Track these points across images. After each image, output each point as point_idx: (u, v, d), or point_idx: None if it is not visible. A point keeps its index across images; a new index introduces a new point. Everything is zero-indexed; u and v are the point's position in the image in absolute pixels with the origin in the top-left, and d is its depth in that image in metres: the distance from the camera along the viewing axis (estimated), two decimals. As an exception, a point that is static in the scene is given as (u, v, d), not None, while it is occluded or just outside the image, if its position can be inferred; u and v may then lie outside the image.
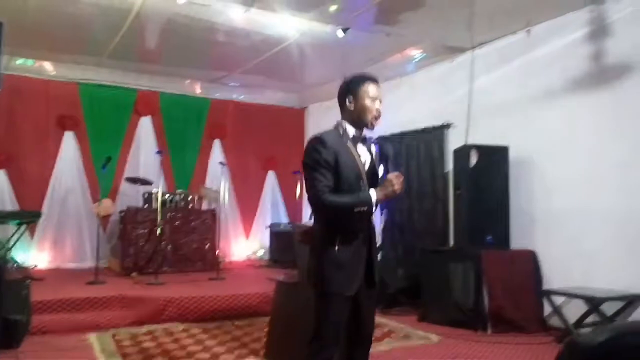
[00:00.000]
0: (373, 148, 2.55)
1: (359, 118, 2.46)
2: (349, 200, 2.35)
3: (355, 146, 2.45)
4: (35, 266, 7.02)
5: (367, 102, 2.45)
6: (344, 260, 2.37)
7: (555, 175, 5.03)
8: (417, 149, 6.66)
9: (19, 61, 7.07)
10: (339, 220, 2.39)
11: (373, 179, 2.48)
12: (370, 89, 2.46)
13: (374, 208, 2.37)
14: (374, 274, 2.47)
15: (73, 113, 7.59)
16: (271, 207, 9.07)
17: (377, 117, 2.47)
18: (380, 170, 2.53)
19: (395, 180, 2.36)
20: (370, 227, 2.50)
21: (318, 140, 2.39)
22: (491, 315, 4.79)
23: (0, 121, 7.08)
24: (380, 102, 2.49)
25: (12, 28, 4.06)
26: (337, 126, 2.50)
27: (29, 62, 7.23)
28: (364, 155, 2.48)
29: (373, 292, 2.51)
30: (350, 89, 2.49)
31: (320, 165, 2.35)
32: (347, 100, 2.48)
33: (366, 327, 2.53)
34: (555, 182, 5.02)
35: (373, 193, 2.36)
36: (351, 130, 2.47)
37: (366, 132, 2.53)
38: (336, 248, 2.36)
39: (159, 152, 6.83)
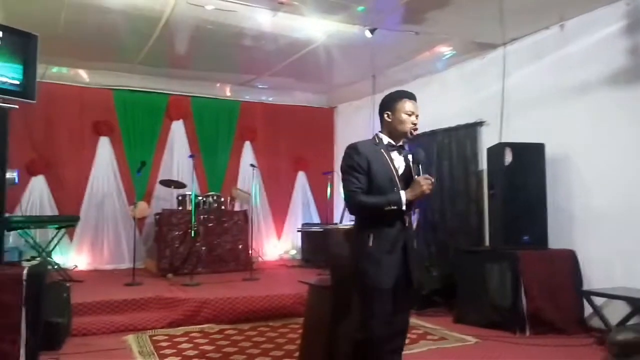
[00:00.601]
0: (409, 156, 2.76)
1: (396, 130, 2.74)
2: (379, 200, 2.61)
3: (389, 153, 2.72)
4: (76, 267, 7.23)
5: (404, 116, 2.71)
6: (378, 255, 2.61)
7: (593, 172, 4.90)
8: (449, 147, 6.56)
9: (54, 69, 7.25)
10: (372, 219, 2.64)
11: (408, 184, 2.67)
12: (407, 105, 2.73)
13: (404, 207, 2.60)
14: (411, 273, 2.68)
15: (108, 119, 7.76)
16: (302, 208, 9.11)
17: (414, 130, 2.73)
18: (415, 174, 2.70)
19: (424, 181, 2.59)
20: (406, 230, 2.69)
21: (352, 148, 2.70)
22: (529, 317, 4.69)
23: (38, 128, 7.28)
24: (417, 116, 2.74)
25: (46, 39, 4.17)
26: (374, 137, 2.80)
27: (64, 70, 7.42)
28: (398, 162, 2.73)
29: (410, 292, 2.70)
30: (388, 105, 2.78)
31: (354, 169, 2.65)
32: (385, 114, 2.78)
33: (397, 324, 2.69)
34: (594, 179, 4.89)
35: (403, 194, 2.60)
36: (386, 140, 2.76)
37: (403, 142, 2.80)
38: (370, 244, 2.62)
39: (191, 156, 6.93)
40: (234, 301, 5.24)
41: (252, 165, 7.66)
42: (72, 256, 7.39)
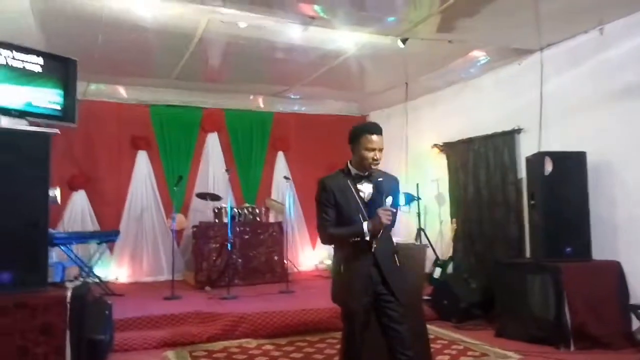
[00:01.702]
0: (376, 185, 2.94)
1: (358, 163, 2.94)
2: (344, 231, 2.90)
3: (355, 184, 2.94)
4: (117, 279, 7.40)
5: (364, 152, 2.88)
6: (347, 280, 2.89)
7: (636, 180, 4.72)
8: (486, 155, 6.42)
9: (93, 86, 7.45)
10: (341, 248, 2.96)
11: (372, 210, 2.87)
12: (369, 140, 2.87)
13: (366, 237, 2.82)
14: (390, 288, 2.88)
15: (145, 133, 7.94)
16: (337, 217, 9.06)
17: (374, 164, 2.90)
18: (389, 201, 2.86)
19: (382, 213, 2.79)
20: (376, 253, 2.88)
21: (321, 183, 2.96)
22: (574, 331, 4.54)
23: (78, 144, 7.49)
24: (380, 150, 2.89)
25: (85, 58, 4.31)
26: (346, 166, 3.01)
27: (102, 86, 7.61)
28: (367, 190, 2.94)
29: (396, 305, 2.88)
30: (353, 139, 2.96)
31: (323, 204, 2.93)
32: (350, 147, 2.98)
33: (398, 334, 2.87)
34: (638, 188, 4.71)
35: (365, 225, 2.82)
36: (354, 171, 2.96)
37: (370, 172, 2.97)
38: (341, 271, 2.92)
39: (227, 170, 6.99)
40: (270, 315, 5.25)
41: (285, 177, 7.69)
42: (113, 269, 7.56)
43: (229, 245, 6.75)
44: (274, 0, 4.51)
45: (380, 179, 2.95)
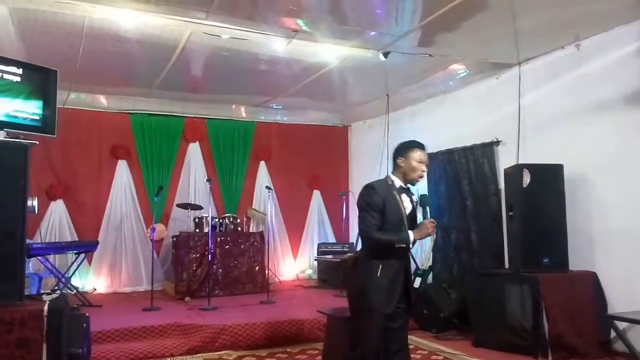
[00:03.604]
0: (414, 199, 3.20)
1: (407, 175, 3.15)
2: (391, 237, 3.02)
3: (400, 195, 3.11)
4: (94, 289, 7.30)
5: (415, 164, 3.11)
6: (384, 284, 3.01)
7: (612, 192, 4.83)
8: (467, 166, 6.50)
9: (73, 95, 7.35)
10: (381, 252, 3.04)
11: (413, 223, 3.15)
12: (418, 154, 3.13)
13: (411, 245, 3.05)
14: (410, 297, 3.16)
15: (125, 142, 7.87)
16: (318, 227, 9.10)
17: (421, 177, 3.14)
18: (420, 215, 3.17)
19: (429, 224, 3.04)
20: (407, 259, 3.17)
21: (371, 188, 3.09)
22: (552, 341, 4.60)
23: (57, 153, 7.40)
24: (427, 165, 3.16)
25: (65, 67, 4.27)
26: (387, 178, 3.18)
27: (83, 95, 7.53)
28: (407, 203, 3.13)
29: (405, 313, 3.15)
30: (402, 152, 3.17)
31: (372, 207, 3.04)
32: (398, 160, 3.17)
33: (401, 341, 3.16)
34: (614, 200, 4.81)
35: (411, 234, 3.02)
36: (398, 182, 3.15)
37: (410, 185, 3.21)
38: (378, 274, 3.01)
39: (208, 180, 6.96)
40: (251, 327, 5.22)
41: (267, 187, 7.69)
42: (91, 279, 7.47)
43: (209, 255, 6.71)
44: (257, 14, 4.53)
45: (420, 193, 3.26)
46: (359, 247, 3.44)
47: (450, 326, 5.62)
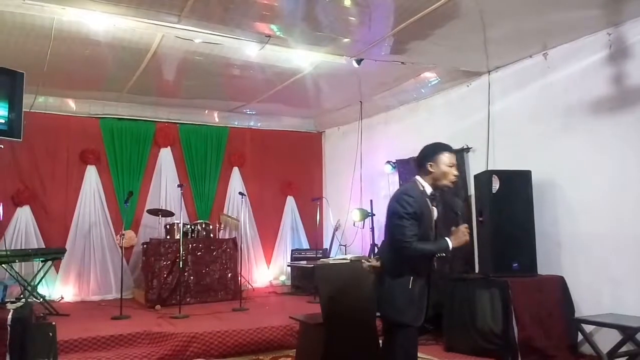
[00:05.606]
0: (438, 206, 3.04)
1: (439, 180, 2.94)
2: (433, 247, 2.92)
3: (430, 202, 2.94)
4: (62, 298, 7.12)
5: (446, 168, 2.92)
6: (416, 296, 2.89)
7: (579, 198, 4.95)
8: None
9: (41, 99, 7.20)
10: (414, 262, 2.89)
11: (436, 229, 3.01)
12: (448, 157, 2.95)
13: (449, 254, 2.92)
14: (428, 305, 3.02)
15: (95, 147, 7.72)
16: (291, 233, 9.07)
17: (454, 183, 2.98)
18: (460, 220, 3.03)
19: (466, 231, 2.89)
20: (432, 268, 3.06)
21: (410, 195, 2.89)
22: (521, 344, 4.67)
23: (24, 158, 7.23)
24: (458, 170, 3.00)
25: (33, 70, 4.16)
26: (416, 183, 2.98)
27: (51, 99, 7.38)
28: (435, 208, 2.99)
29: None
30: (431, 156, 2.96)
31: (411, 216, 2.84)
32: (428, 165, 2.95)
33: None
34: (580, 206, 4.94)
35: (449, 241, 2.87)
36: (428, 189, 2.96)
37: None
38: (410, 287, 2.86)
39: (180, 186, 6.88)
40: (223, 335, 5.16)
41: (240, 193, 7.64)
42: (58, 287, 7.28)
43: (180, 262, 6.62)
44: (230, 18, 4.51)
45: (450, 199, 3.12)
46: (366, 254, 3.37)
47: (423, 331, 5.65)
